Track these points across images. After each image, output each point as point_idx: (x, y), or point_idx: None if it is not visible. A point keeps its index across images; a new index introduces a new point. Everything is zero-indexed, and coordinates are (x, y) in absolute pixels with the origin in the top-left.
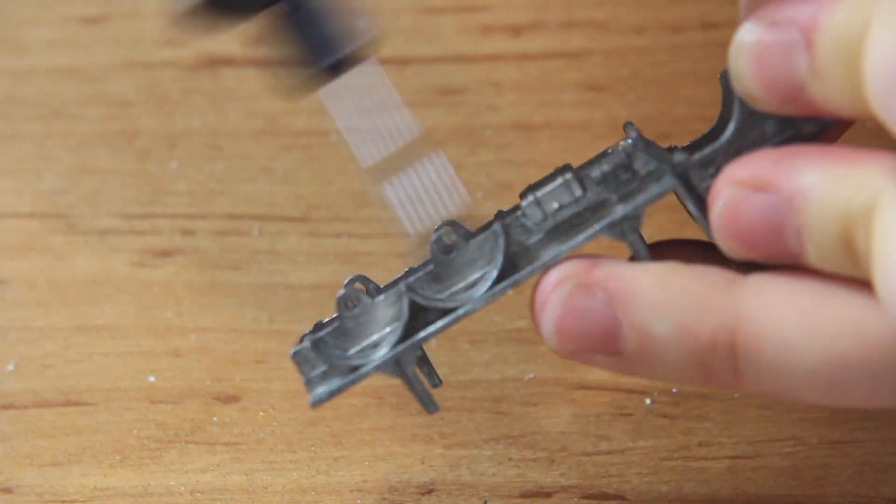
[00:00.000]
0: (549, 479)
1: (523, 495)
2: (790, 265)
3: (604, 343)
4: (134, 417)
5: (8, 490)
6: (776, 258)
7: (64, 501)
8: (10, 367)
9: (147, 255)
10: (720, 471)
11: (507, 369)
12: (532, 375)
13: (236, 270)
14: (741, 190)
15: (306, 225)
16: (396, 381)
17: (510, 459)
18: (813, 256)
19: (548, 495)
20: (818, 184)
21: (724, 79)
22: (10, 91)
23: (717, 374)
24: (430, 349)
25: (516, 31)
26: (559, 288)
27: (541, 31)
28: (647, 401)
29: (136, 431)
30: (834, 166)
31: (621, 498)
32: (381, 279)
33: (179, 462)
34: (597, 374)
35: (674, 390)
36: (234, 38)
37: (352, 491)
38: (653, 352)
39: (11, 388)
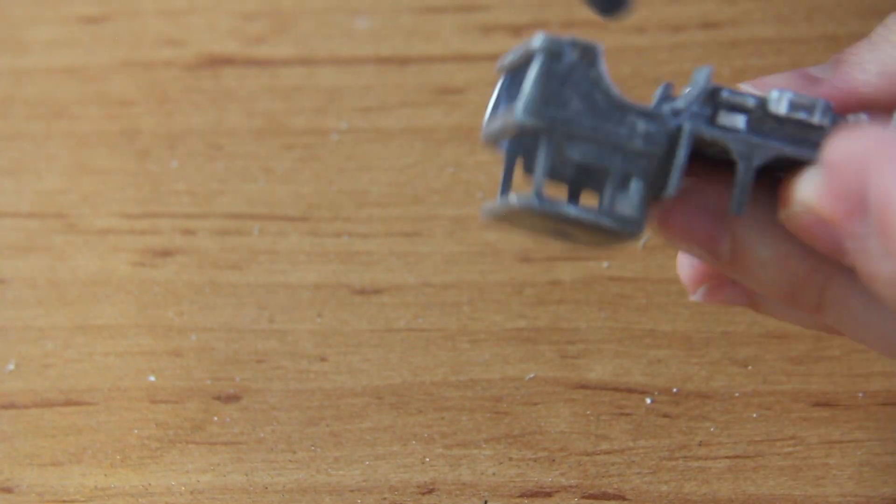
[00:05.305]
0: (550, 479)
1: (523, 495)
2: None
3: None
4: (134, 417)
5: (8, 490)
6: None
7: (64, 501)
8: (11, 367)
9: (147, 255)
10: (720, 471)
11: (507, 369)
12: (532, 375)
13: (236, 270)
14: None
15: (306, 224)
16: (397, 381)
17: (510, 459)
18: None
19: (548, 495)
20: None
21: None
22: (10, 91)
23: (802, 301)
24: (431, 346)
25: (516, 30)
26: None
27: None
28: (648, 401)
29: (136, 431)
30: None
31: (621, 498)
32: (381, 279)
33: (180, 462)
34: (597, 374)
35: (674, 390)
36: (234, 38)
37: (352, 491)
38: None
39: (12, 388)
